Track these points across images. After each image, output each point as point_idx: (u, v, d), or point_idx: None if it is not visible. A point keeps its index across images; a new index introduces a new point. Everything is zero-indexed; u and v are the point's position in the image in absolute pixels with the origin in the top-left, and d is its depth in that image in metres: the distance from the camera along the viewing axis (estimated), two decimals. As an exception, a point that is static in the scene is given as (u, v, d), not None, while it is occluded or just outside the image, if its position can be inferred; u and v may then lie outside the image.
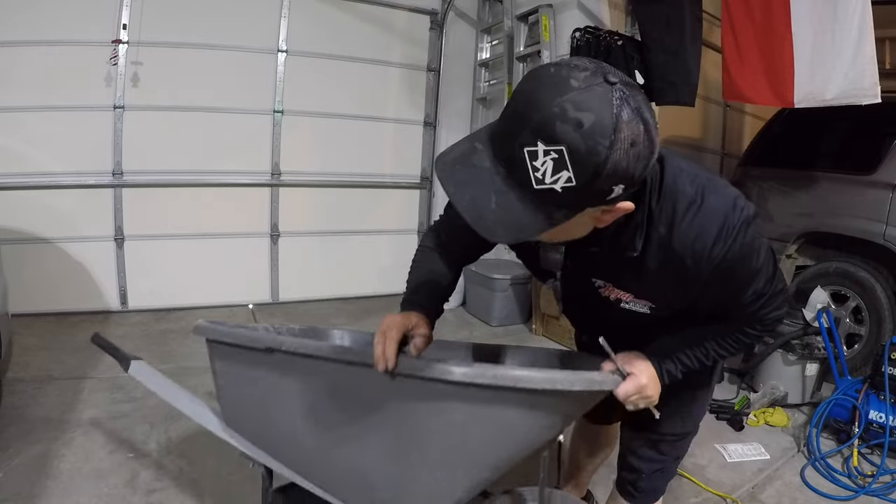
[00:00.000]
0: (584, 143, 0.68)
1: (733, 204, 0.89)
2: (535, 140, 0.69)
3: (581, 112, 0.68)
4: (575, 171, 0.69)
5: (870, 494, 2.13)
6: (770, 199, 3.81)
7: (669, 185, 0.88)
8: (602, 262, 0.98)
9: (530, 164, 0.71)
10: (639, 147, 0.71)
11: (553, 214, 0.74)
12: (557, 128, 0.68)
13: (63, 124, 3.55)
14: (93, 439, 2.24)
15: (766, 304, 0.99)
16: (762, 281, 0.96)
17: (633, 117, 0.70)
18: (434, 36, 4.48)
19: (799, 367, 2.88)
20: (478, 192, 0.74)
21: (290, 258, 4.33)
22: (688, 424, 1.29)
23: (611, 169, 0.70)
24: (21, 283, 3.07)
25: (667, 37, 3.41)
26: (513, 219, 0.74)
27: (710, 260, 0.88)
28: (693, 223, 0.88)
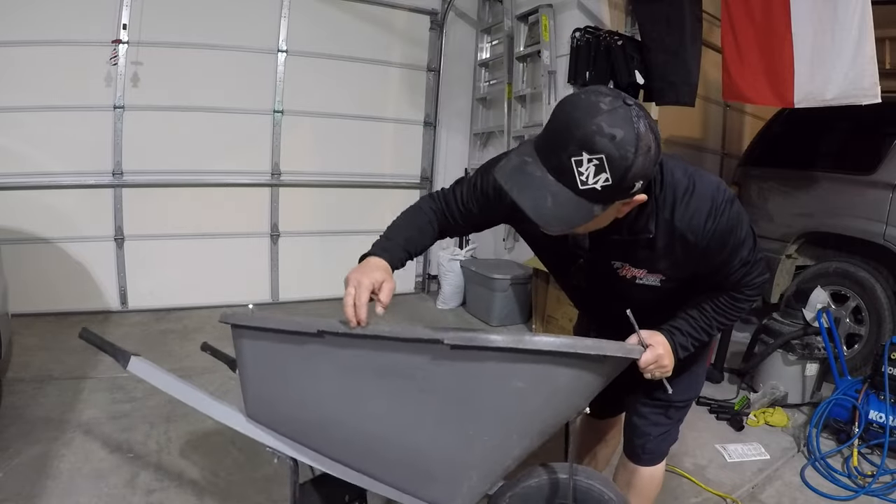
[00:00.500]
0: (618, 151, 0.90)
1: (717, 187, 1.12)
2: (580, 151, 0.90)
3: (613, 128, 0.89)
4: (612, 174, 0.91)
5: (870, 494, 2.13)
6: (770, 199, 3.81)
7: (668, 178, 1.10)
8: (621, 247, 1.18)
9: (576, 171, 0.91)
10: (652, 152, 0.94)
11: (593, 209, 0.95)
12: (597, 141, 0.89)
13: (63, 124, 3.55)
14: (93, 439, 2.24)
15: (750, 269, 1.20)
16: (746, 249, 1.17)
17: (647, 130, 0.93)
18: (434, 36, 4.48)
19: (799, 367, 2.88)
20: (536, 194, 0.95)
21: (290, 258, 4.33)
22: (693, 391, 1.47)
23: (636, 170, 0.92)
24: (21, 283, 3.07)
25: (667, 37, 3.41)
26: (565, 213, 0.94)
27: (705, 233, 1.10)
28: (689, 206, 1.10)
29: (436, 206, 1.34)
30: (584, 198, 0.93)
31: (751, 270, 1.21)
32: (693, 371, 1.44)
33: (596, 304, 1.46)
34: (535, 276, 3.92)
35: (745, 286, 1.22)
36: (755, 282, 1.23)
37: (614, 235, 1.13)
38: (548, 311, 3.84)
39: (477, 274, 4.14)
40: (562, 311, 3.71)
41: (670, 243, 1.13)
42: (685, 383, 1.40)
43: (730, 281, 1.20)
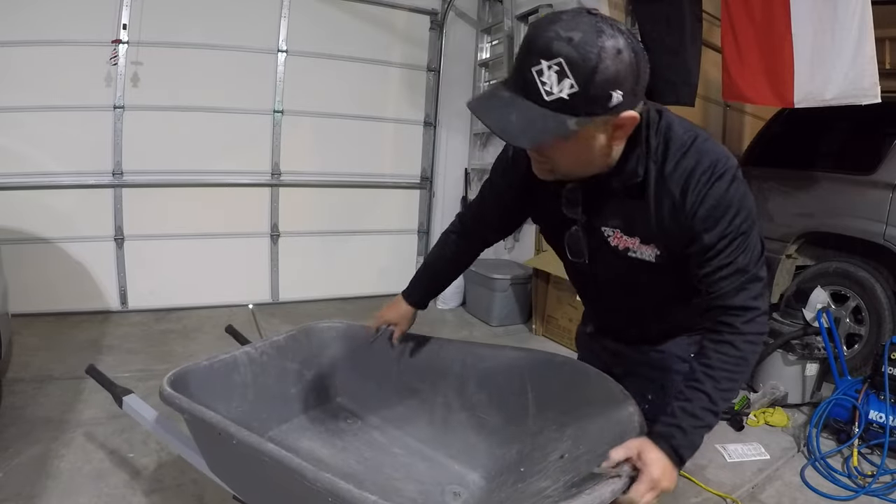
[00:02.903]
0: (577, 52, 0.83)
1: (724, 154, 1.00)
2: (538, 60, 0.85)
3: (571, 32, 0.83)
4: (575, 78, 0.83)
5: (870, 494, 2.13)
6: (770, 199, 3.81)
7: (664, 127, 1.01)
8: (612, 207, 1.07)
9: (539, 81, 0.85)
10: (624, 55, 0.85)
11: (566, 122, 0.86)
12: (554, 45, 0.83)
13: (63, 124, 3.55)
14: (93, 439, 2.24)
15: (747, 284, 1.01)
16: (747, 253, 1.00)
17: (615, 33, 0.85)
18: (434, 36, 4.48)
19: (799, 367, 2.88)
20: (502, 111, 0.89)
21: (290, 258, 4.33)
22: None
23: (604, 73, 0.83)
24: (21, 283, 3.07)
25: (667, 37, 3.40)
26: (532, 126, 0.87)
27: (696, 193, 0.98)
28: (685, 159, 0.99)
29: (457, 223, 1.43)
30: (553, 109, 0.86)
31: (749, 285, 1.01)
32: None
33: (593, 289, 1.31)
34: (535, 276, 3.92)
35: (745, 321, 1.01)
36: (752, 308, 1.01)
37: (608, 180, 1.04)
38: (548, 311, 3.85)
39: (477, 274, 4.14)
40: (562, 312, 3.71)
41: (659, 199, 1.01)
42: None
43: (723, 293, 1.02)
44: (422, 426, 1.54)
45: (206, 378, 1.49)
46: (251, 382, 1.58)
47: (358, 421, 1.64)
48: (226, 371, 1.54)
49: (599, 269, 1.19)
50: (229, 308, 4.08)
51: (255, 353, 1.60)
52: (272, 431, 1.58)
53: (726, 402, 1.05)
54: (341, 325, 1.73)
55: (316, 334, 1.71)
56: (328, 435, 1.60)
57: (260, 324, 3.84)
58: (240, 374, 1.56)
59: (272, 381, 1.62)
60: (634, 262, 1.10)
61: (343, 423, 1.64)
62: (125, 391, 1.60)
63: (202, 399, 1.41)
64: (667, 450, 1.00)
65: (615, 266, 1.14)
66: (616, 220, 1.08)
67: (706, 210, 0.98)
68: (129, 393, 1.59)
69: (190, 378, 1.45)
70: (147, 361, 3.07)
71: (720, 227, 0.98)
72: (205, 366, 1.50)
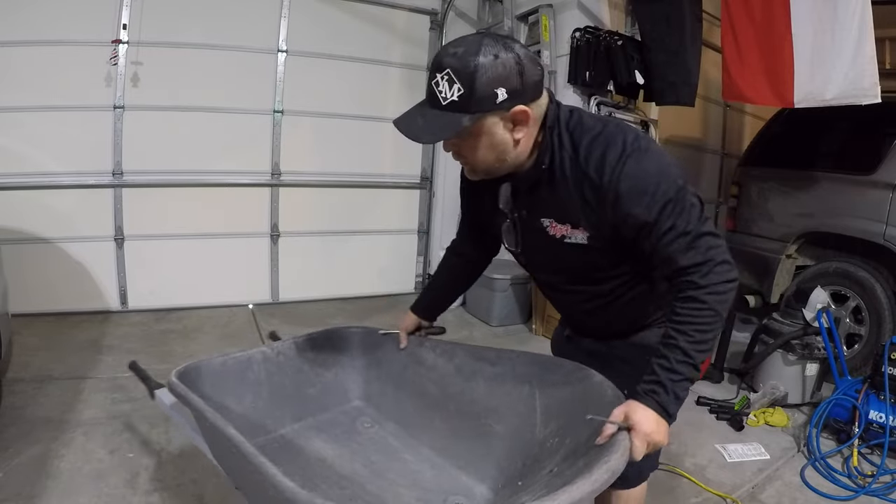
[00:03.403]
0: (459, 62, 1.00)
1: (631, 132, 1.08)
2: (435, 74, 1.03)
3: (456, 48, 1.02)
4: (460, 82, 1.00)
5: (870, 494, 2.13)
6: (770, 199, 3.81)
7: (574, 120, 1.12)
8: (543, 200, 1.17)
9: (437, 91, 1.03)
10: (502, 58, 1.00)
11: (460, 119, 1.02)
12: (443, 61, 1.02)
13: (63, 124, 3.55)
14: (93, 439, 2.24)
15: (694, 243, 1.05)
16: (682, 217, 1.04)
17: (495, 43, 1.01)
18: (434, 36, 4.48)
19: (799, 367, 2.88)
20: (411, 118, 1.08)
21: (290, 258, 4.33)
22: None
23: (483, 76, 0.99)
24: (21, 283, 3.07)
25: (667, 37, 3.41)
26: (433, 124, 1.05)
27: (612, 175, 1.05)
28: (594, 144, 1.08)
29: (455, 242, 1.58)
30: (449, 110, 1.03)
31: (695, 244, 1.04)
32: None
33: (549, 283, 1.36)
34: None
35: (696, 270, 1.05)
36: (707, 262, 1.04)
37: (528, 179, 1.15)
38: (548, 311, 3.85)
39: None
40: (562, 311, 3.70)
41: (580, 186, 1.09)
42: None
43: (674, 258, 1.06)
44: (435, 434, 1.52)
45: (220, 374, 1.54)
46: (265, 380, 1.62)
47: (375, 425, 1.64)
48: (240, 368, 1.59)
49: (546, 258, 1.27)
50: (229, 308, 4.08)
51: (270, 352, 1.64)
52: (285, 430, 1.60)
53: (702, 353, 1.08)
54: (361, 330, 1.75)
55: (336, 338, 1.73)
56: (343, 437, 1.61)
57: (260, 324, 3.84)
58: (254, 372, 1.60)
59: (288, 381, 1.65)
60: (572, 247, 1.18)
61: (360, 426, 1.64)
62: (157, 385, 1.68)
63: (214, 393, 1.47)
64: (653, 406, 1.05)
65: (559, 254, 1.21)
66: (549, 211, 1.18)
67: (626, 188, 1.04)
68: (161, 387, 1.65)
69: (203, 372, 1.50)
70: (147, 361, 3.03)
71: (646, 200, 1.04)
72: (219, 362, 1.56)
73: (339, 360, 1.73)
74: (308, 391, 1.68)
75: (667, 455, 2.36)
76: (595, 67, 3.54)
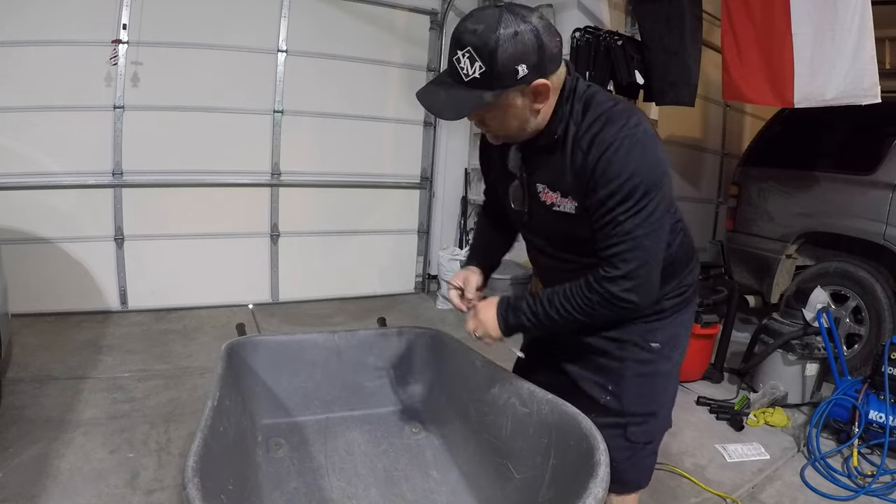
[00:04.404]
0: (480, 39, 1.01)
1: (635, 122, 1.10)
2: (455, 51, 1.05)
3: (476, 25, 1.02)
4: (482, 60, 1.02)
5: (870, 494, 2.13)
6: (770, 199, 3.81)
7: (589, 95, 1.15)
8: (542, 165, 1.21)
9: (458, 68, 1.05)
10: (522, 35, 1.02)
11: (483, 96, 1.05)
12: (463, 38, 1.03)
13: (63, 124, 3.55)
14: (93, 439, 2.24)
15: (628, 249, 1.10)
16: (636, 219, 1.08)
17: (514, 19, 1.02)
18: (434, 36, 4.48)
19: (799, 367, 2.88)
20: (435, 94, 1.10)
21: (290, 258, 4.33)
22: (649, 404, 1.32)
23: (504, 53, 1.01)
24: (21, 283, 3.07)
25: (667, 37, 3.41)
26: (455, 101, 1.07)
27: (597, 151, 1.09)
28: (595, 123, 1.12)
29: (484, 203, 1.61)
30: (471, 87, 1.05)
31: (626, 255, 1.10)
32: (647, 379, 1.30)
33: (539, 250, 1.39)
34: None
35: (605, 275, 1.12)
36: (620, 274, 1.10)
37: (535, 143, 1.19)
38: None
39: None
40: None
41: (573, 155, 1.14)
42: (636, 392, 1.29)
43: (601, 246, 1.13)
44: (469, 458, 1.50)
45: (277, 350, 1.64)
46: (322, 364, 1.69)
47: (423, 433, 1.65)
48: (299, 348, 1.68)
49: (537, 223, 1.31)
50: (229, 308, 4.08)
51: (333, 339, 1.72)
52: (332, 414, 1.68)
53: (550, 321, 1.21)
54: (434, 332, 1.76)
55: (408, 337, 1.76)
56: (383, 435, 1.63)
57: (260, 324, 3.84)
58: (312, 354, 1.69)
59: (347, 369, 1.71)
60: (559, 216, 1.21)
61: (407, 430, 1.66)
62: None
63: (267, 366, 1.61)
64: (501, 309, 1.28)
65: (547, 220, 1.26)
66: (544, 177, 1.22)
67: (602, 167, 1.09)
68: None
69: (259, 347, 1.63)
70: (147, 361, 3.07)
71: (612, 186, 1.08)
72: (279, 339, 1.68)
73: (407, 361, 1.75)
74: (366, 384, 1.73)
75: (667, 455, 2.36)
76: (595, 67, 3.53)
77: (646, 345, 1.29)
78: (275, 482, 1.40)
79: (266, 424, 1.61)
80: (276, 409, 1.67)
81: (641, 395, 1.30)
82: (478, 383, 1.52)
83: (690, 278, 1.36)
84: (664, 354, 1.31)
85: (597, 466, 1.01)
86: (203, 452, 1.01)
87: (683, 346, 1.38)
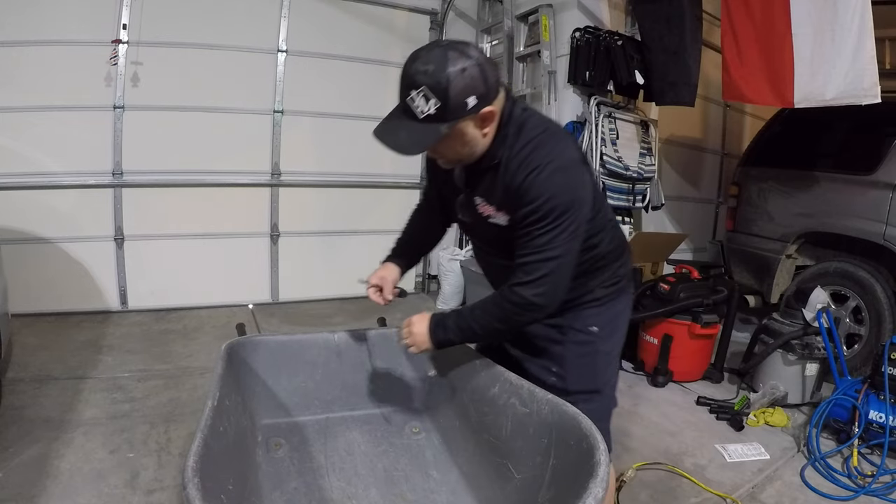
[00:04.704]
0: (432, 79, 1.13)
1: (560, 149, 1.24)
2: (409, 92, 1.15)
3: (426, 65, 1.13)
4: (437, 96, 1.13)
5: (870, 494, 2.13)
6: (770, 199, 3.81)
7: (522, 120, 1.27)
8: (482, 182, 1.34)
9: (413, 106, 1.15)
10: (469, 70, 1.13)
11: (439, 129, 1.16)
12: (416, 79, 1.14)
13: (63, 124, 3.55)
14: (93, 439, 2.24)
15: (537, 264, 1.24)
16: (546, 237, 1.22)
17: (459, 56, 1.13)
18: (434, 36, 4.47)
19: (799, 367, 2.87)
20: (394, 133, 1.21)
21: (290, 258, 4.33)
22: (592, 383, 1.46)
23: (455, 89, 1.13)
24: (21, 283, 3.08)
25: (667, 37, 3.41)
26: (415, 138, 1.18)
27: (522, 175, 1.23)
28: (524, 148, 1.24)
29: (420, 202, 1.75)
30: (428, 122, 1.16)
31: (533, 268, 1.24)
32: (588, 359, 1.44)
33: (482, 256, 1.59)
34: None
35: (518, 281, 1.27)
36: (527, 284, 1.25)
37: (478, 165, 1.31)
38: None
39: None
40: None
41: (504, 176, 1.27)
42: (578, 371, 1.43)
43: (518, 254, 1.28)
44: (469, 459, 1.50)
45: (277, 350, 1.65)
46: (322, 364, 1.70)
47: (423, 433, 1.65)
48: (298, 348, 1.69)
49: (477, 231, 1.48)
50: (229, 308, 4.08)
51: (333, 339, 1.73)
52: (332, 414, 1.68)
53: (474, 333, 1.40)
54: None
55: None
56: (383, 435, 1.63)
57: (260, 324, 3.84)
58: (312, 354, 1.69)
59: (347, 369, 1.72)
60: (494, 226, 1.36)
61: (407, 430, 1.66)
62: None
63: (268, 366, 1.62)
64: (432, 320, 1.42)
65: (484, 229, 1.40)
66: (482, 192, 1.35)
67: (525, 188, 1.23)
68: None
69: (259, 346, 1.64)
70: (147, 361, 3.07)
71: (531, 206, 1.23)
72: (279, 339, 1.68)
73: (409, 363, 1.76)
74: (367, 385, 1.74)
75: (667, 455, 2.36)
76: (595, 67, 3.54)
77: (585, 329, 1.44)
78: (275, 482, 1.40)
79: (266, 424, 1.61)
80: (276, 409, 1.66)
81: (583, 375, 1.45)
82: (478, 383, 1.52)
83: (623, 270, 1.51)
84: (602, 337, 1.46)
85: (597, 466, 1.01)
86: (203, 452, 1.01)
87: (621, 331, 1.53)
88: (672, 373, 3.12)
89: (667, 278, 3.24)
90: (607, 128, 3.59)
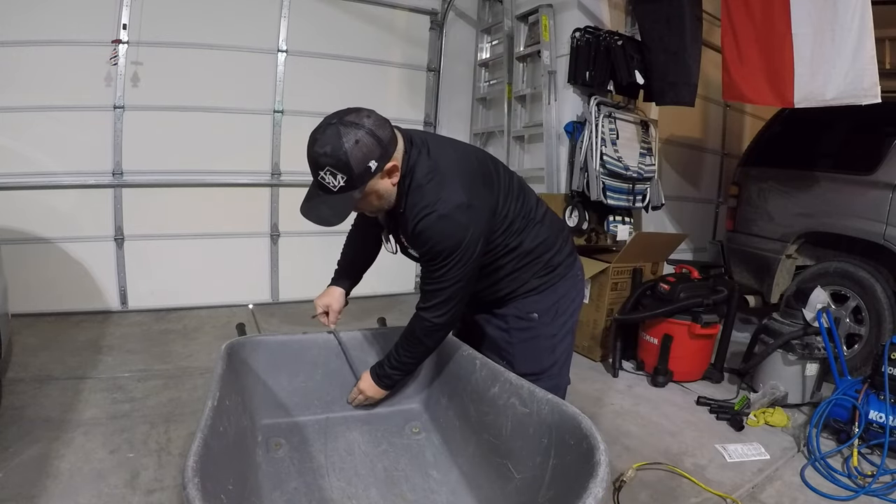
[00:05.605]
0: (332, 158, 1.29)
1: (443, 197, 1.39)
2: (317, 172, 1.32)
3: (324, 147, 1.30)
4: (341, 172, 1.30)
5: (870, 494, 2.13)
6: (770, 199, 3.81)
7: (412, 165, 1.42)
8: (397, 222, 1.53)
9: (325, 183, 1.32)
10: (362, 140, 1.30)
11: (353, 195, 1.34)
12: (319, 161, 1.31)
13: (63, 124, 3.55)
14: (93, 439, 2.24)
15: (433, 293, 1.47)
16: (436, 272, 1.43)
17: (350, 130, 1.30)
18: (434, 36, 4.48)
19: (799, 367, 2.87)
20: (316, 210, 1.38)
21: (290, 258, 4.33)
22: (538, 364, 1.64)
23: (355, 160, 1.29)
24: (21, 283, 3.08)
25: (667, 37, 3.41)
26: (336, 209, 1.36)
27: (413, 221, 1.41)
28: (413, 196, 1.42)
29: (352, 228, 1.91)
30: (341, 192, 1.33)
31: (428, 297, 1.48)
32: (531, 343, 1.63)
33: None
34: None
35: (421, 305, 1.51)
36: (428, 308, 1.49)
37: (398, 210, 1.47)
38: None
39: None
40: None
41: (406, 219, 1.45)
42: (523, 355, 1.62)
43: (421, 282, 1.53)
44: (469, 459, 1.49)
45: (277, 350, 1.68)
46: (322, 364, 1.73)
47: (423, 433, 1.66)
48: (298, 348, 1.72)
49: (404, 255, 1.65)
50: (229, 308, 4.08)
51: (334, 339, 1.77)
52: (332, 414, 1.70)
53: (406, 365, 1.62)
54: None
55: None
56: (383, 435, 1.63)
57: (260, 324, 3.84)
58: (312, 354, 1.73)
59: (347, 369, 1.75)
60: (413, 256, 1.57)
61: (408, 430, 1.67)
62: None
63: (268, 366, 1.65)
64: (372, 374, 1.66)
65: (408, 256, 1.61)
66: (399, 230, 1.55)
67: (415, 235, 1.43)
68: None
69: (259, 346, 1.68)
70: (147, 361, 3.07)
71: (422, 249, 1.45)
72: (279, 339, 1.72)
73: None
74: None
75: (667, 455, 2.36)
76: (595, 67, 3.54)
77: (526, 316, 1.62)
78: (275, 482, 1.40)
79: (266, 424, 1.61)
80: (276, 409, 1.67)
81: (528, 358, 1.63)
82: (478, 383, 1.52)
83: (558, 258, 1.64)
84: (544, 322, 1.63)
85: (597, 466, 1.01)
86: (203, 452, 1.01)
87: (567, 314, 1.67)
88: (672, 373, 3.12)
89: (667, 278, 3.24)
90: (607, 128, 3.59)
